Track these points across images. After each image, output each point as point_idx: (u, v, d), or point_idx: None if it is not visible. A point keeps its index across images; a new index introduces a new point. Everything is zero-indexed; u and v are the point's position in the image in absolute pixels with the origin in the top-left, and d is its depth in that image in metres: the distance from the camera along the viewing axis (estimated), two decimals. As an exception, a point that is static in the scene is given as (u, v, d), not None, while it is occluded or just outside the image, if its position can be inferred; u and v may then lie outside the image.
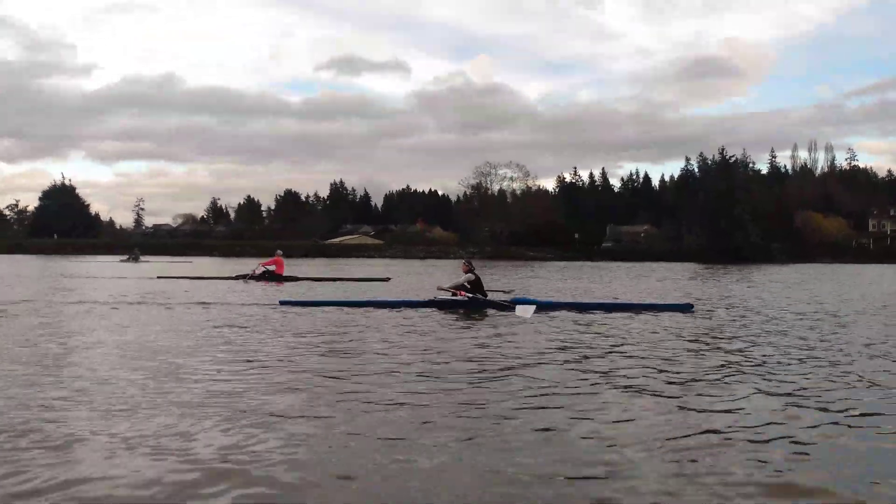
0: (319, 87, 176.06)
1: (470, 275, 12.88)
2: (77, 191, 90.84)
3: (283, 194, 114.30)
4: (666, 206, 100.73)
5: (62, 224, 79.53)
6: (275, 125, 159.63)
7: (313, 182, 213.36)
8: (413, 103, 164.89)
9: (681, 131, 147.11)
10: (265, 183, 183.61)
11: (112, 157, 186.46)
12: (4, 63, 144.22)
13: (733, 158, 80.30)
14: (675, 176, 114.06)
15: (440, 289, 13.08)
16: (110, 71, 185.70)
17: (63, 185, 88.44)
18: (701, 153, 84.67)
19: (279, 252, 22.27)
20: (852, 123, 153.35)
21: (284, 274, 21.28)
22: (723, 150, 79.02)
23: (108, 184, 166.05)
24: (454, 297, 12.65)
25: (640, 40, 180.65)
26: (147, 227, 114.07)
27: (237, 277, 21.20)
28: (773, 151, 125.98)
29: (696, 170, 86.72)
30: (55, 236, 76.05)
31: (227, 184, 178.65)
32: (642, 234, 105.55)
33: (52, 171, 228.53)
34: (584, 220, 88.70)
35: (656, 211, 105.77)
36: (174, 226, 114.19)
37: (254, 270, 21.19)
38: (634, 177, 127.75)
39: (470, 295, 12.63)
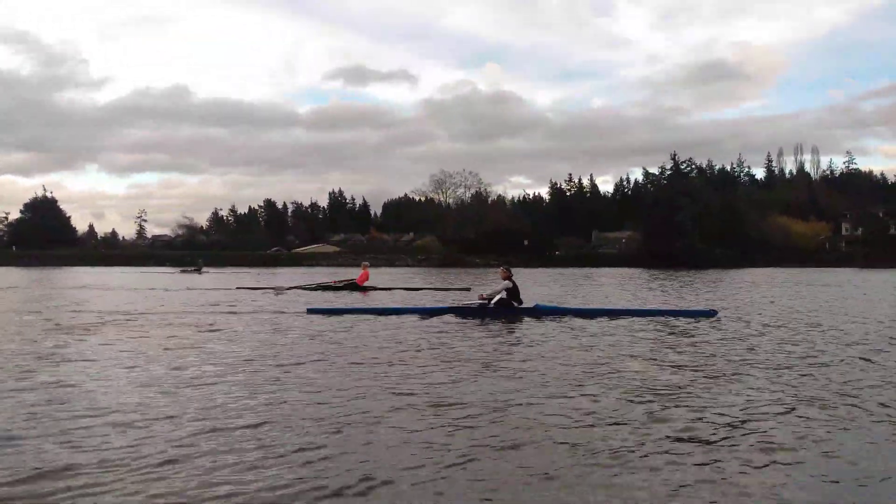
0: (329, 97, 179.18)
1: (507, 282, 13.25)
2: (58, 203, 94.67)
3: (262, 204, 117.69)
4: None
5: (41, 237, 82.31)
6: (286, 135, 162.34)
7: (324, 192, 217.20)
8: (423, 112, 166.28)
9: (693, 136, 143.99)
10: (278, 193, 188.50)
11: (126, 169, 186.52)
12: (20, 78, 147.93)
13: (686, 164, 79.59)
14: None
15: (481, 297, 13.48)
16: (123, 84, 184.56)
17: (44, 197, 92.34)
18: (672, 155, 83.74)
19: (365, 264, 24.52)
20: (866, 126, 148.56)
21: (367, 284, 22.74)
22: (674, 155, 78.57)
23: (122, 196, 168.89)
24: (470, 304, 13.42)
25: (652, 46, 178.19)
26: (147, 238, 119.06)
27: (325, 288, 22.55)
28: (769, 156, 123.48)
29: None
30: (13, 248, 79.59)
31: (241, 194, 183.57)
32: (623, 241, 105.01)
33: (67, 183, 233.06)
34: (539, 228, 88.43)
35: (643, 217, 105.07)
36: (172, 236, 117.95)
37: (335, 281, 23.47)
38: (626, 182, 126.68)
39: (493, 300, 13.19)
